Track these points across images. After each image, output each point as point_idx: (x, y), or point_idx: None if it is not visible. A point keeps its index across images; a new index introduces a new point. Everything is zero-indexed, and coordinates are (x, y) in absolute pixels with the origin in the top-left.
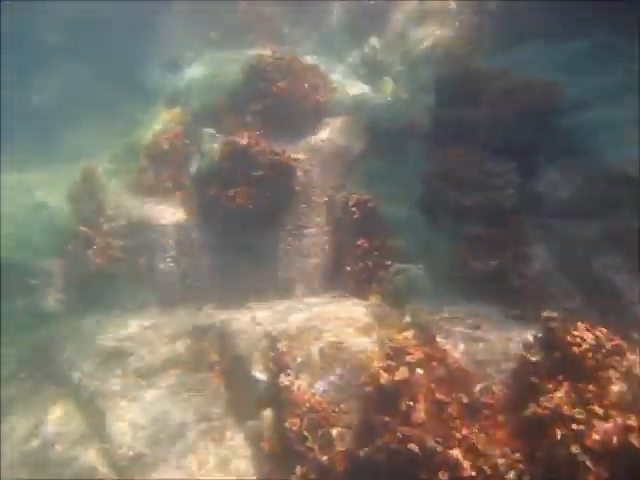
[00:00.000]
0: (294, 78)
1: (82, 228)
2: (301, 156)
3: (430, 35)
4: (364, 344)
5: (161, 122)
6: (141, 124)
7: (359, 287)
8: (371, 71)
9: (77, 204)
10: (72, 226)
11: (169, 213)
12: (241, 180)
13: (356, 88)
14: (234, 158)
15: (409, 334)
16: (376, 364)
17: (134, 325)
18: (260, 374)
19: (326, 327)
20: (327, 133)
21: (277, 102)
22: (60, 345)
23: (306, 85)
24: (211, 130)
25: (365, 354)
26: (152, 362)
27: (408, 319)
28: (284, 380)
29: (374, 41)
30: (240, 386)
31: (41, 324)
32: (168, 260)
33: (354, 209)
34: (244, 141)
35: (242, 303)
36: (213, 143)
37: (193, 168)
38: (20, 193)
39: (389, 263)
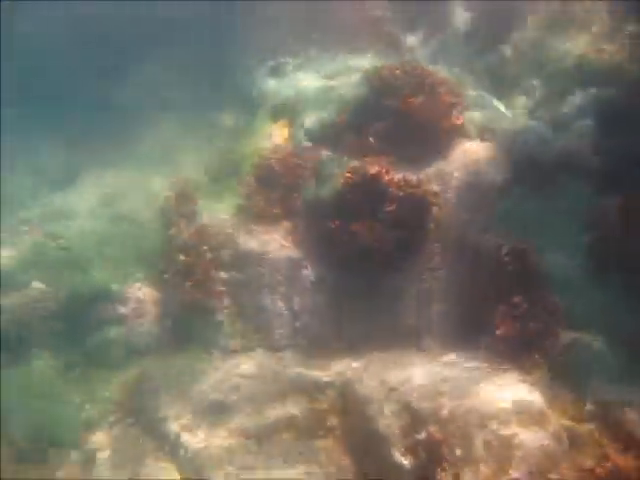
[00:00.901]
0: (427, 94)
1: (182, 257)
2: (436, 187)
3: (578, 44)
4: (539, 438)
5: (267, 135)
6: (241, 134)
7: (514, 354)
8: (499, 84)
9: (173, 226)
10: (167, 250)
11: (279, 244)
12: (367, 214)
13: (488, 104)
14: (360, 188)
15: (592, 426)
16: None
17: (238, 372)
18: (403, 459)
19: (485, 408)
20: (462, 159)
21: (407, 122)
22: (154, 388)
23: (440, 103)
24: (330, 153)
25: (544, 451)
26: (261, 422)
27: (590, 407)
28: (442, 477)
29: (504, 49)
30: (374, 465)
31: (133, 360)
32: (277, 298)
33: (508, 259)
34: (373, 170)
35: (360, 351)
36: (333, 169)
37: (309, 195)
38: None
39: (557, 330)
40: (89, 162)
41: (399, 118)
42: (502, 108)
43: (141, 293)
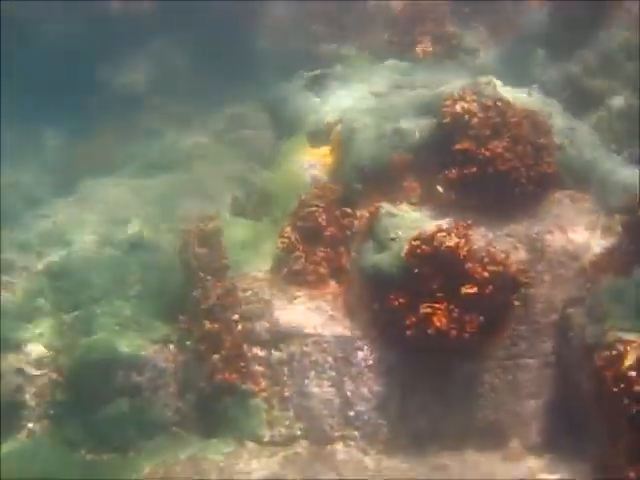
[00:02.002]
0: (510, 136)
1: (207, 324)
2: (524, 255)
3: None
4: None
5: (306, 166)
6: (273, 159)
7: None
8: (579, 99)
9: (198, 284)
10: (191, 311)
11: (327, 315)
12: (439, 291)
13: (582, 140)
14: (431, 261)
15: None
16: None
17: (276, 470)
18: None
19: None
20: (556, 218)
21: (485, 169)
22: None
23: (526, 146)
24: (389, 206)
25: None
26: None
27: None
28: None
29: (586, 55)
30: None
31: (149, 444)
32: (325, 382)
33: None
34: (450, 242)
35: (428, 453)
36: (396, 230)
37: (365, 262)
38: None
39: None
40: (91, 163)
41: (478, 166)
42: (598, 143)
43: (160, 358)
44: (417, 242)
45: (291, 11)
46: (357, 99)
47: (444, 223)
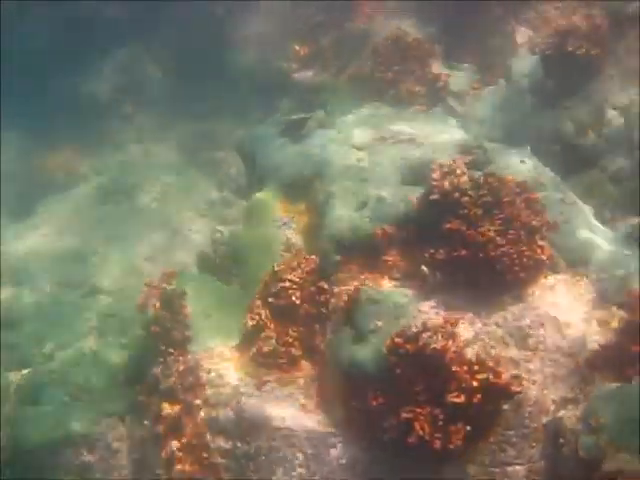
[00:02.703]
0: (502, 218)
1: (167, 407)
2: (513, 352)
3: None
4: None
5: (279, 224)
6: (245, 213)
7: None
8: (570, 157)
9: (159, 359)
10: (148, 388)
11: (298, 404)
12: (422, 394)
13: (577, 218)
14: (414, 360)
15: None
16: None
17: None
18: None
19: None
20: (550, 309)
21: (475, 254)
22: None
23: (520, 232)
24: (372, 289)
25: None
26: None
27: None
28: None
29: (578, 109)
30: None
31: None
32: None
33: None
34: (437, 344)
35: None
36: (378, 318)
37: (343, 353)
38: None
39: None
40: (49, 177)
41: (465, 248)
42: (594, 222)
43: (114, 435)
44: (399, 339)
45: (268, 27)
46: (337, 153)
47: (430, 310)
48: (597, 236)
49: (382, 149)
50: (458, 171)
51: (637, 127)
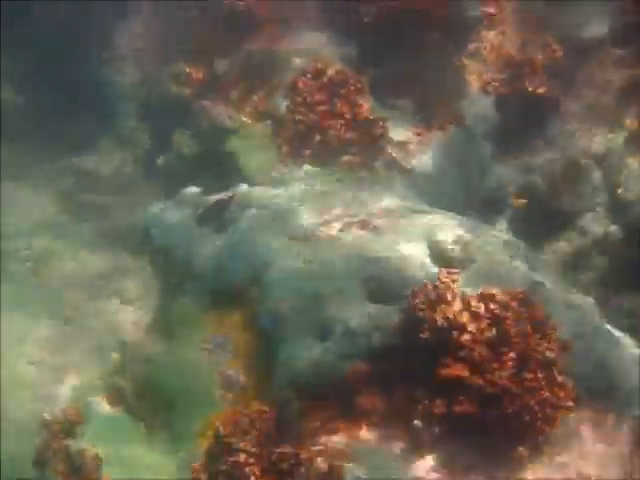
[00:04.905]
0: (513, 355)
1: None
2: None
3: None
4: None
5: (211, 346)
6: (166, 327)
7: None
8: (539, 215)
9: None
10: None
11: None
12: None
13: (586, 316)
14: None
15: None
16: None
17: None
18: None
19: None
20: (582, 466)
21: (486, 410)
22: None
23: (537, 372)
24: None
25: None
26: None
27: None
28: None
29: (546, 161)
30: None
31: None
32: None
33: None
34: None
35: None
36: None
37: None
38: None
39: None
40: None
41: (472, 401)
42: (610, 328)
43: None
44: None
45: (155, 42)
46: (276, 250)
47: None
48: (617, 349)
49: (330, 241)
50: (449, 296)
51: (621, 182)
